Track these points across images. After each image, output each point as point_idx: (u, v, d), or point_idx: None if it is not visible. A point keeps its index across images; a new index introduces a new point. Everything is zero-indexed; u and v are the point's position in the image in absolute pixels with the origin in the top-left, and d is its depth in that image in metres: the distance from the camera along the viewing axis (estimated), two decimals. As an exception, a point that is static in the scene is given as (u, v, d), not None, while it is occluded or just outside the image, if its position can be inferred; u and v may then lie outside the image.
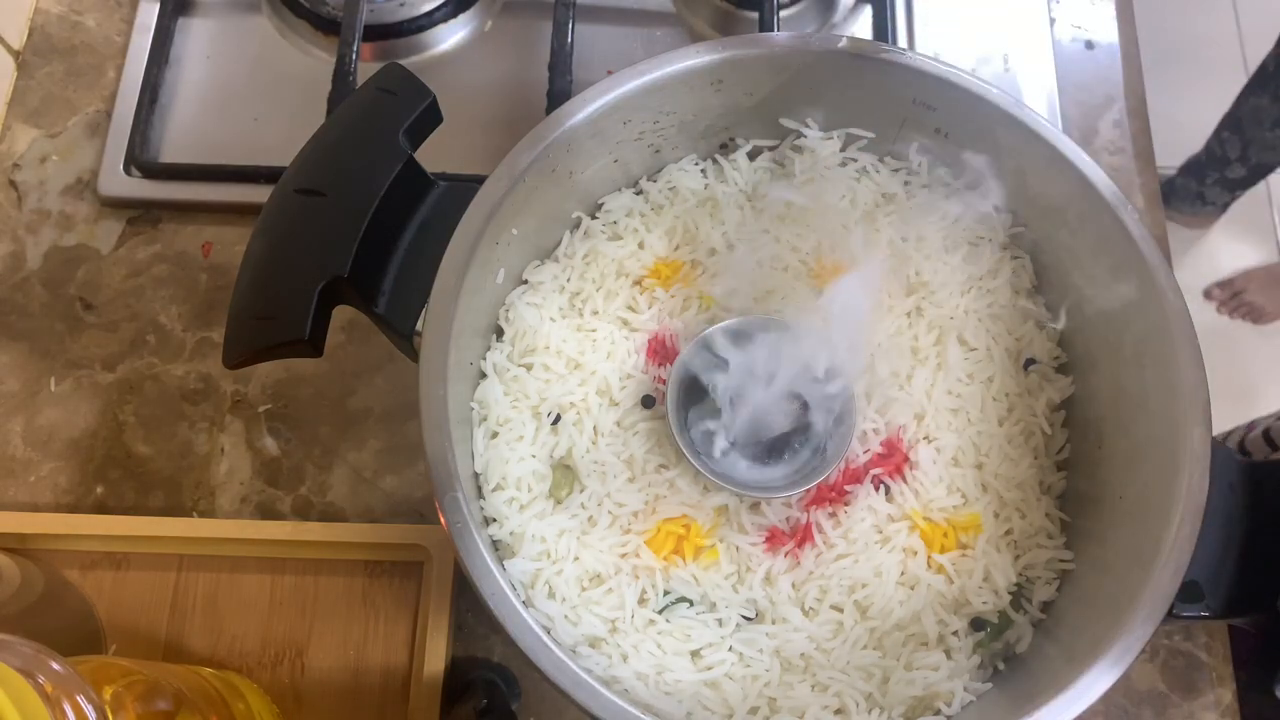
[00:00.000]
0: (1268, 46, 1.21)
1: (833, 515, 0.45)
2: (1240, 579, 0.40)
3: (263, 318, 0.41)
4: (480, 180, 0.44)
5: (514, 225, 0.45)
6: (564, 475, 0.45)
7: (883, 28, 0.64)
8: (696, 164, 0.51)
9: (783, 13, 0.64)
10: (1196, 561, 0.39)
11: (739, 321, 0.46)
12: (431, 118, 0.44)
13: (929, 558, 0.45)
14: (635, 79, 0.45)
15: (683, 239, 0.50)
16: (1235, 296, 1.46)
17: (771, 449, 0.46)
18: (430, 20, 0.64)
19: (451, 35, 0.65)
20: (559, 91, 0.59)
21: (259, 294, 0.42)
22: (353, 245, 0.41)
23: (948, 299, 0.49)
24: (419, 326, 0.42)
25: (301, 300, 0.40)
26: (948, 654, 0.44)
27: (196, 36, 0.65)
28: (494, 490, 0.44)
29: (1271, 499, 0.41)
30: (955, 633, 0.44)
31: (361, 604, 0.53)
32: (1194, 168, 1.36)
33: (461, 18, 0.65)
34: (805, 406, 0.46)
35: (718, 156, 0.51)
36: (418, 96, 0.44)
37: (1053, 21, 0.68)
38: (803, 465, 0.46)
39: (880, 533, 0.45)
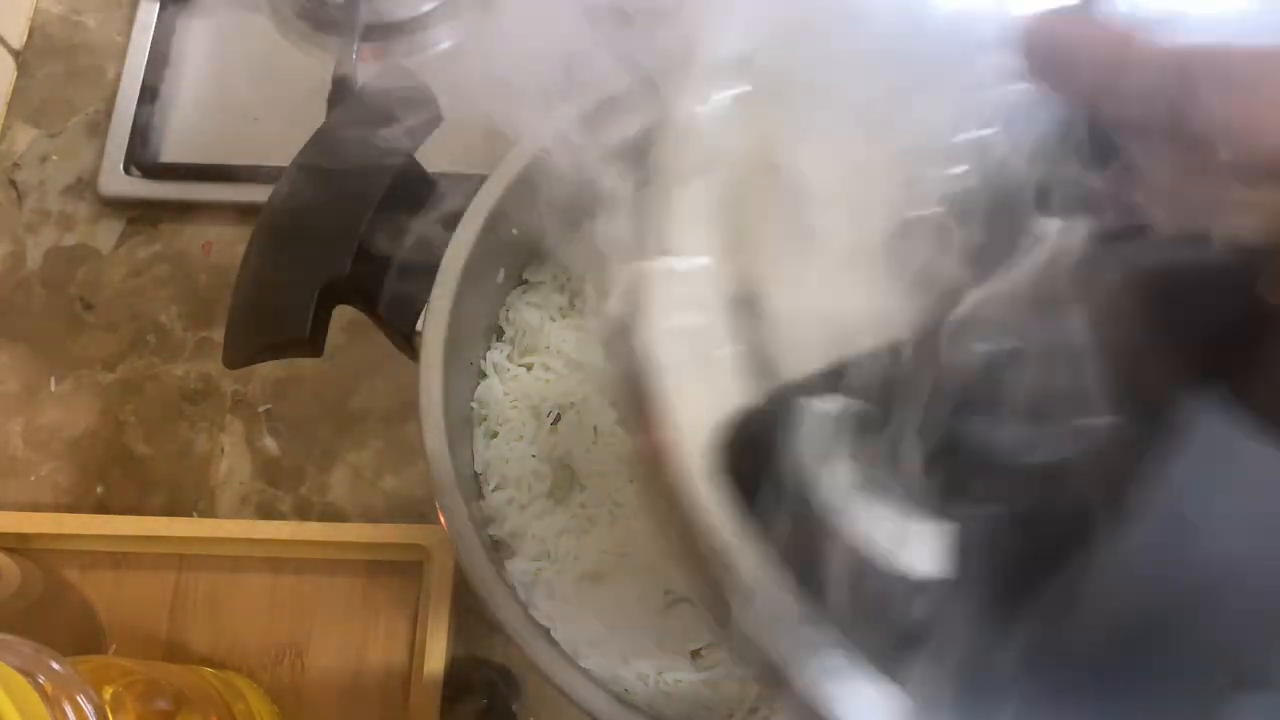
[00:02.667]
0: (1269, 45, 1.21)
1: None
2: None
3: (263, 318, 0.41)
4: (481, 180, 0.44)
5: (514, 225, 0.45)
6: (564, 475, 0.45)
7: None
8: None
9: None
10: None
11: None
12: (431, 118, 0.44)
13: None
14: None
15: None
16: None
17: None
18: (431, 19, 0.64)
19: (452, 35, 0.65)
20: (559, 91, 0.59)
21: (259, 294, 0.42)
22: (352, 245, 0.41)
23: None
24: (419, 326, 0.42)
25: (301, 300, 0.40)
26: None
27: (197, 36, 0.65)
28: (494, 490, 0.44)
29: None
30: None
31: (361, 604, 0.52)
32: None
33: (461, 17, 0.65)
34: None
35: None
36: (418, 96, 0.44)
37: (1054, 20, 0.68)
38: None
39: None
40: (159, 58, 0.64)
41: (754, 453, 0.20)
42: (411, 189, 0.43)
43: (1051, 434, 0.17)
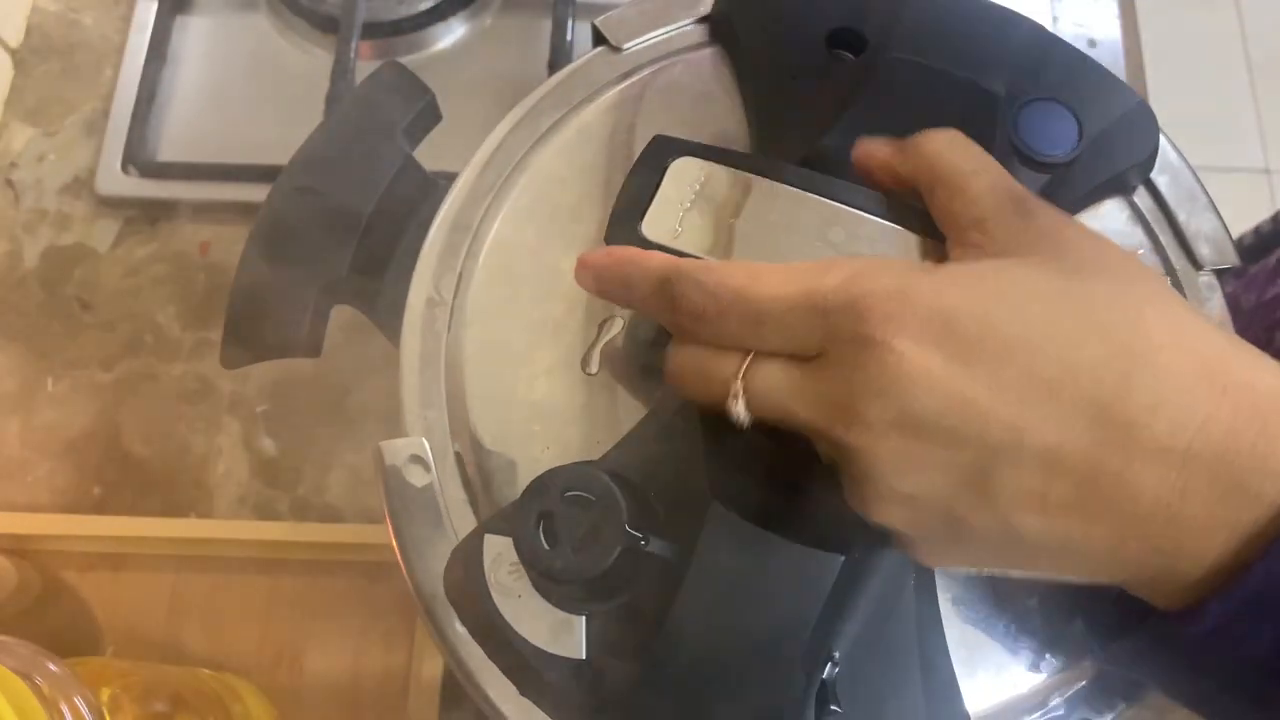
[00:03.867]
0: (1271, 45, 1.20)
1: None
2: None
3: (260, 318, 0.41)
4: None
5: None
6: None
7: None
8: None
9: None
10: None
11: None
12: (430, 116, 0.44)
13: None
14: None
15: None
16: None
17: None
18: (429, 18, 0.64)
19: (451, 33, 0.65)
20: (558, 90, 0.59)
21: (256, 294, 0.41)
22: (351, 245, 0.41)
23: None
24: None
25: (299, 300, 0.40)
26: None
27: (194, 35, 0.65)
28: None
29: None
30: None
31: (360, 605, 0.52)
32: None
33: (461, 15, 0.65)
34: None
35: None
36: (416, 95, 0.43)
37: (1055, 20, 0.68)
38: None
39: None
40: (156, 56, 0.63)
41: (465, 572, 0.29)
42: (410, 188, 0.43)
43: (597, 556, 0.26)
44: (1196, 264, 0.37)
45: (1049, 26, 0.67)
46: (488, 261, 0.37)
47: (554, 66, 0.60)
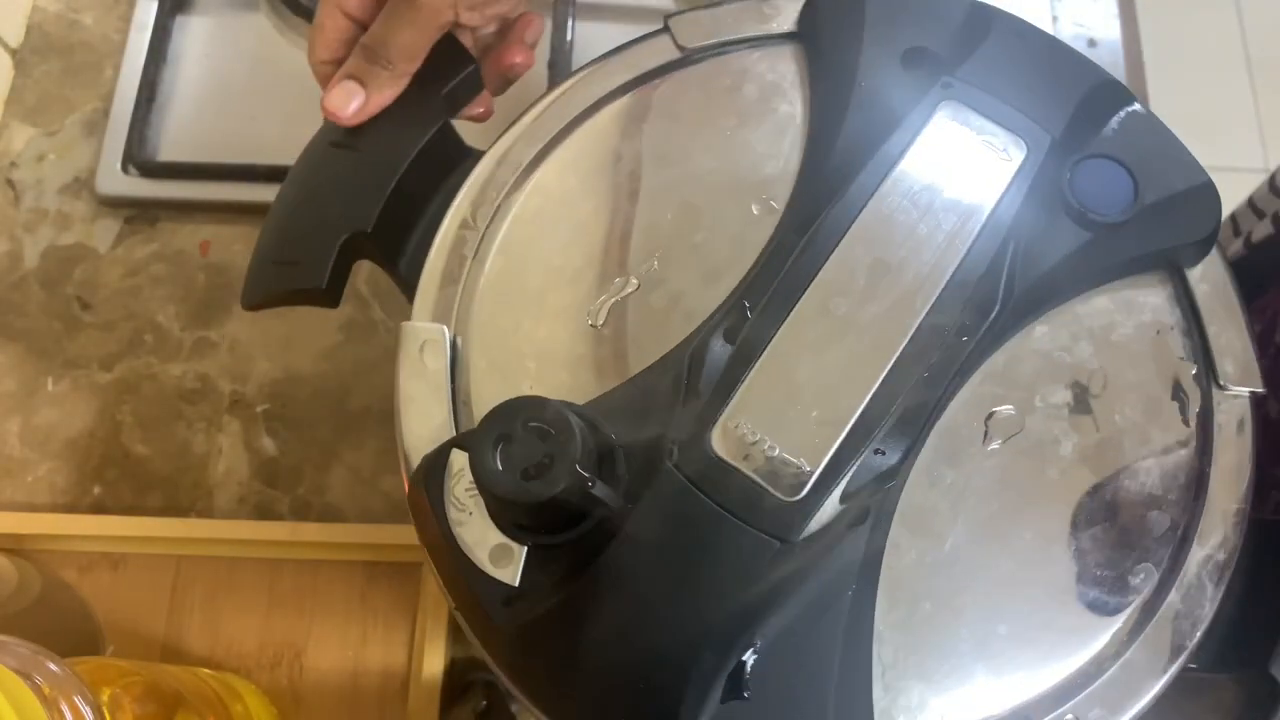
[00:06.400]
0: (1271, 45, 1.20)
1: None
2: (1233, 635, 0.39)
3: (283, 263, 0.41)
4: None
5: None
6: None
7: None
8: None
9: None
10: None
11: None
12: (473, 85, 0.44)
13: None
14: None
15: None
16: None
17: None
18: (429, 18, 0.64)
19: (451, 33, 0.65)
20: (559, 90, 0.59)
21: (282, 239, 0.41)
22: (379, 201, 0.40)
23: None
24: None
25: (323, 250, 0.40)
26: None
27: (194, 34, 0.65)
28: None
29: (1275, 554, 0.40)
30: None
31: (360, 605, 0.52)
32: None
33: (461, 16, 0.65)
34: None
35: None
36: (461, 62, 0.43)
37: (1055, 19, 0.68)
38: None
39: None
40: (157, 56, 0.63)
41: (426, 482, 0.31)
42: (445, 155, 0.43)
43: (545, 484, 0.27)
44: (1218, 381, 0.35)
45: (1049, 27, 0.67)
46: (526, 200, 0.39)
47: (554, 66, 0.60)
